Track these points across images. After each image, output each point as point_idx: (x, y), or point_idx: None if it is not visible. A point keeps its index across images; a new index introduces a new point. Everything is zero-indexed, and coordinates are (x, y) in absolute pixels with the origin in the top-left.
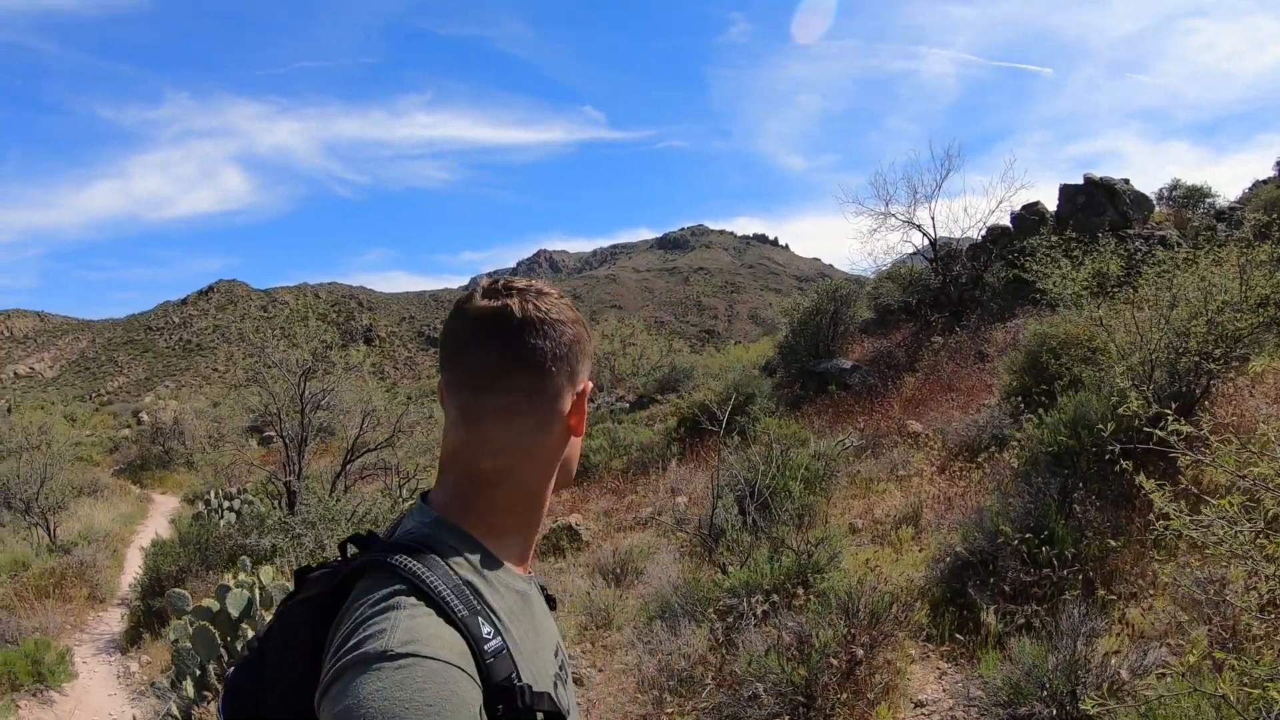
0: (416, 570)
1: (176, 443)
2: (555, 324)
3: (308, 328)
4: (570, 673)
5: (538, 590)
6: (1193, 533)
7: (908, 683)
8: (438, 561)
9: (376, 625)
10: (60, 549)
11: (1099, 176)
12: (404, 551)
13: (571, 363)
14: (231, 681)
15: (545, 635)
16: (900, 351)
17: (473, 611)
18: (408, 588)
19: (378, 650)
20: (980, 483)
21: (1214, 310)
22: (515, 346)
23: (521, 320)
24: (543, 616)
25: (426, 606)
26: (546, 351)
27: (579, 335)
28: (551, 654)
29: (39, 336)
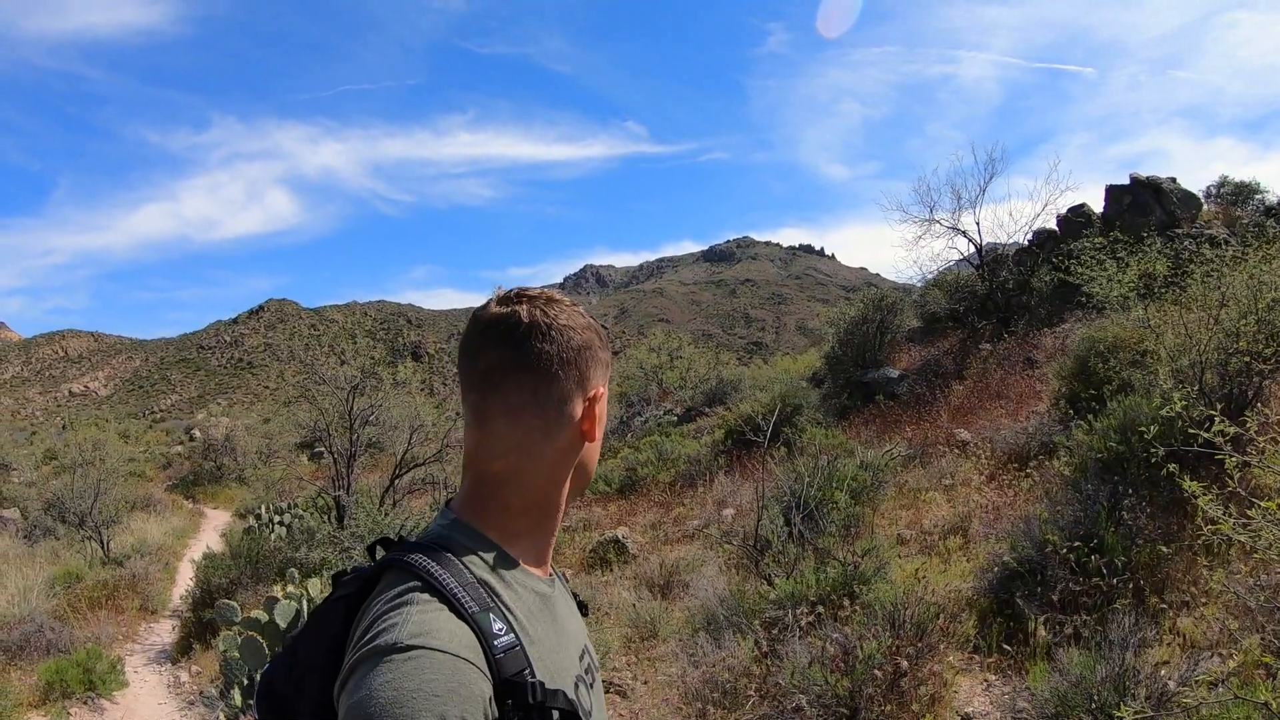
0: (429, 568)
1: (228, 458)
2: (563, 329)
3: (356, 345)
4: (598, 676)
5: (563, 592)
6: (1240, 536)
7: (954, 695)
8: (451, 560)
9: (389, 620)
10: (113, 561)
11: (1145, 176)
12: (420, 551)
13: (581, 368)
14: (265, 677)
15: (569, 637)
16: (948, 359)
17: (484, 608)
18: (421, 585)
19: (389, 643)
20: (1029, 491)
21: (1264, 308)
22: (522, 350)
23: (529, 325)
24: (567, 618)
25: (439, 602)
26: (553, 355)
27: (589, 341)
28: (576, 656)
29: (93, 356)
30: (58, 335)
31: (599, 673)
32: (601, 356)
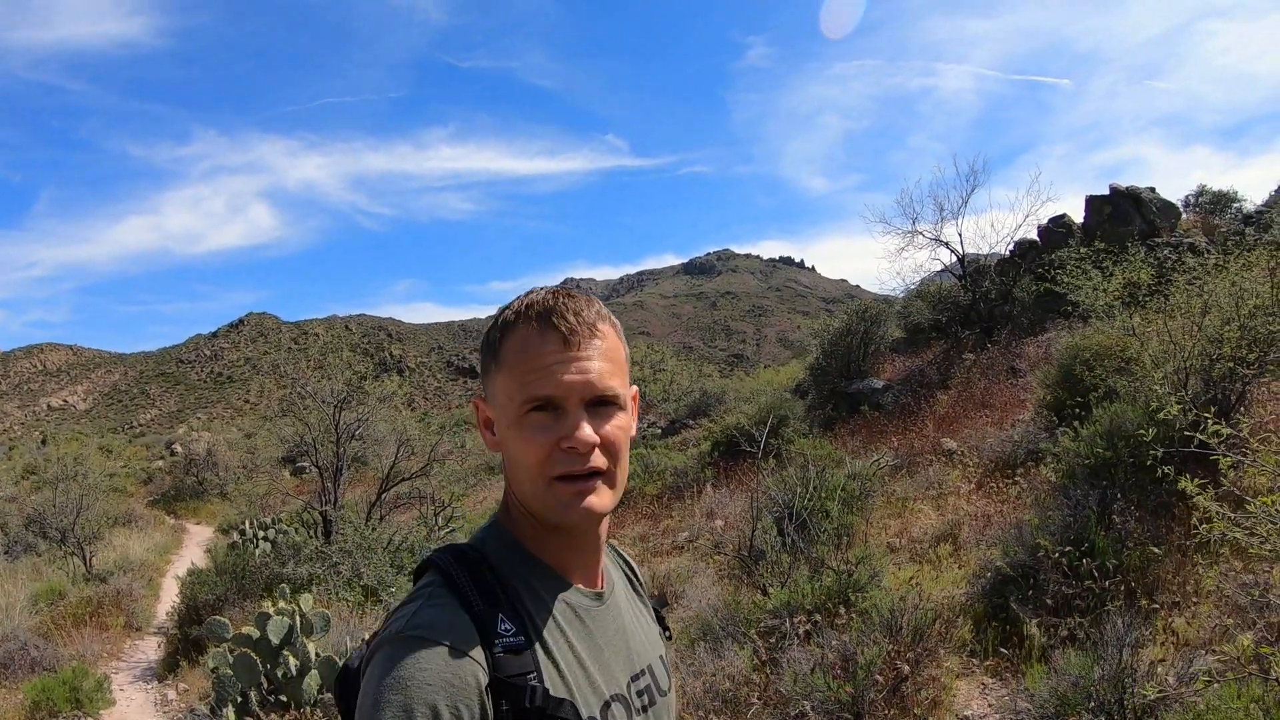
0: (448, 566)
1: (210, 473)
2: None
3: (341, 359)
4: (664, 700)
5: (629, 609)
6: (1236, 533)
7: (953, 698)
8: (476, 560)
9: (401, 611)
10: (96, 578)
11: (1125, 186)
12: (452, 551)
13: (481, 371)
14: (345, 663)
15: (613, 655)
16: (932, 369)
17: (493, 606)
18: (442, 580)
19: (393, 632)
20: (1018, 498)
21: (1246, 315)
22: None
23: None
24: (616, 637)
25: (452, 598)
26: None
27: (482, 343)
28: (623, 675)
29: (72, 369)
30: (36, 348)
31: (666, 697)
32: (487, 362)
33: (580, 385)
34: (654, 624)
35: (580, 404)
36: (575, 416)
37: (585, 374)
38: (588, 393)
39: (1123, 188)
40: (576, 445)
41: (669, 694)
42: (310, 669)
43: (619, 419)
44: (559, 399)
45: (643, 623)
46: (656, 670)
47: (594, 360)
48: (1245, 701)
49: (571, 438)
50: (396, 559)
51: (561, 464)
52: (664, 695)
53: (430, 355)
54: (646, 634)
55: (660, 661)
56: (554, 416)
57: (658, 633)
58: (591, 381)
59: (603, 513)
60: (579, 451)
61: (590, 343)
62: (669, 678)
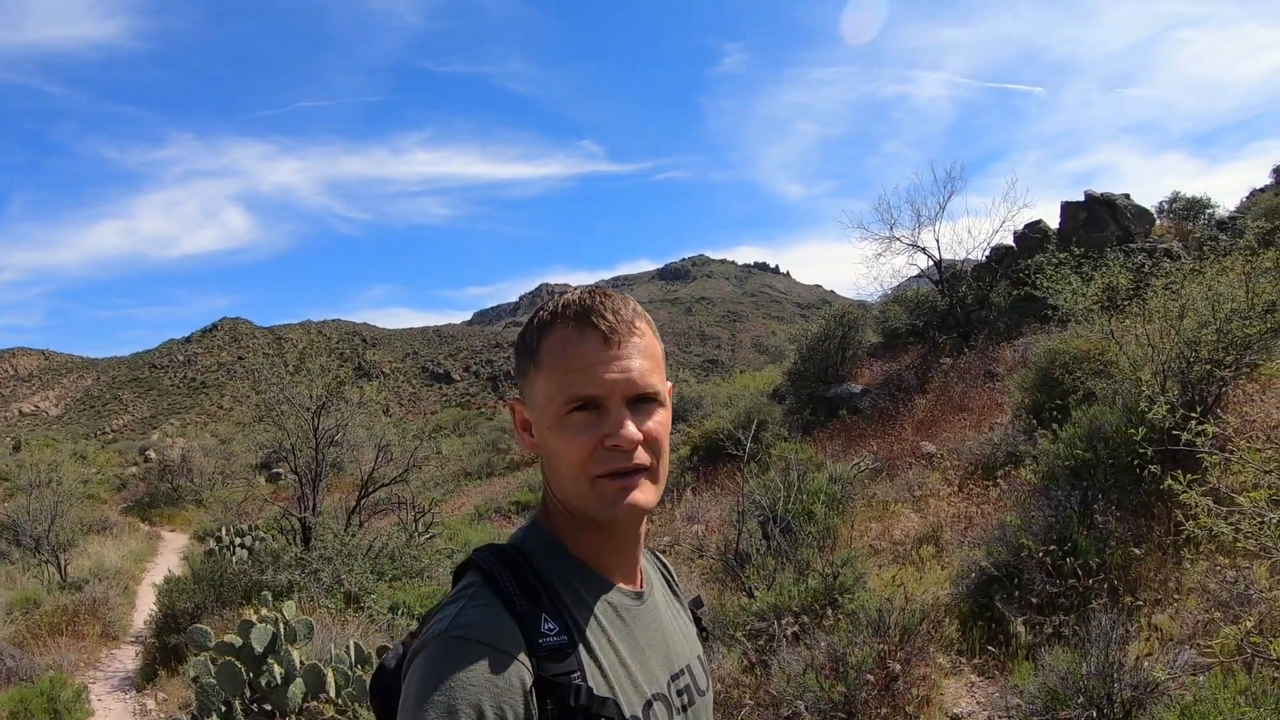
0: (490, 565)
1: (185, 480)
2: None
3: (320, 364)
4: (702, 700)
5: (666, 608)
6: (1223, 528)
7: (943, 696)
8: (518, 560)
9: (445, 610)
10: (71, 586)
11: (1099, 193)
12: (494, 551)
13: (517, 374)
14: (381, 663)
15: (655, 653)
16: (910, 374)
17: (536, 606)
18: (484, 580)
19: (437, 632)
20: (998, 500)
21: (1222, 318)
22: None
23: None
24: (656, 636)
25: (495, 597)
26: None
27: (517, 345)
28: (663, 674)
29: (44, 375)
30: (7, 353)
31: (705, 696)
32: (522, 364)
33: (622, 383)
34: (691, 624)
35: (622, 402)
36: (618, 414)
37: (626, 372)
38: (629, 391)
39: (1098, 194)
40: (620, 443)
41: (708, 694)
42: (295, 677)
43: (659, 415)
44: (601, 398)
45: (680, 623)
46: (695, 670)
47: (634, 358)
48: (1232, 692)
49: (615, 435)
50: (377, 565)
51: (606, 462)
52: (703, 695)
53: (405, 361)
54: (685, 634)
55: (699, 661)
56: (596, 415)
57: (695, 633)
58: (633, 379)
59: (647, 508)
60: (623, 449)
61: (629, 340)
62: (707, 678)
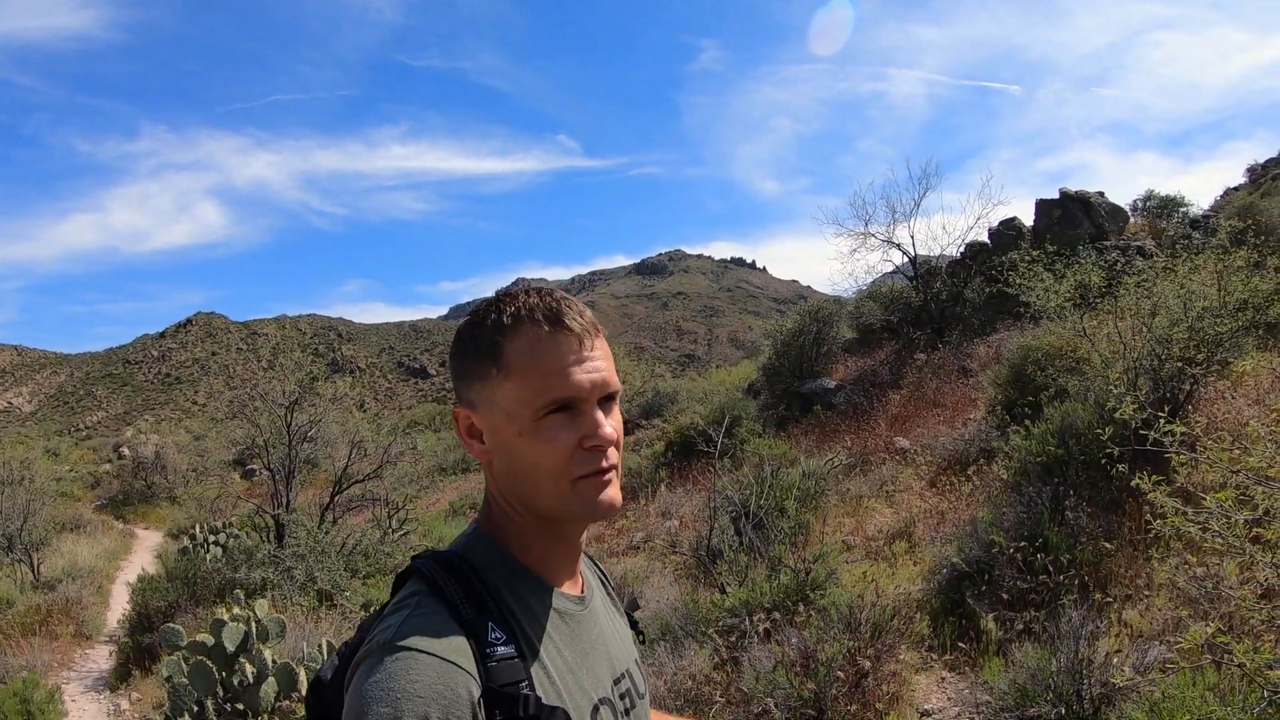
0: (435, 574)
1: (159, 477)
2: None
3: (293, 359)
4: (642, 703)
5: (605, 612)
6: (1190, 527)
7: (913, 693)
8: (463, 567)
9: (389, 620)
10: (44, 586)
11: (1074, 190)
12: (437, 558)
13: (466, 378)
14: (317, 674)
15: (598, 658)
16: (884, 370)
17: (483, 614)
18: (429, 589)
19: (382, 643)
20: (970, 495)
21: (1194, 317)
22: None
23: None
24: (600, 639)
25: (441, 607)
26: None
27: (464, 351)
28: (607, 678)
29: (16, 370)
30: None
31: (644, 700)
32: (458, 368)
33: (599, 384)
34: (627, 628)
35: (595, 402)
36: (593, 415)
37: (600, 372)
38: (603, 390)
39: (1072, 192)
40: (601, 443)
41: (645, 697)
42: (267, 676)
43: (617, 413)
44: (578, 400)
45: (618, 626)
46: (634, 673)
47: (602, 359)
48: (1200, 689)
49: (596, 436)
50: (350, 562)
51: (586, 463)
52: (642, 698)
53: (381, 356)
54: (623, 638)
55: (637, 665)
56: (571, 417)
57: (632, 636)
58: (606, 379)
59: (620, 505)
60: (602, 449)
61: (597, 341)
62: (645, 681)
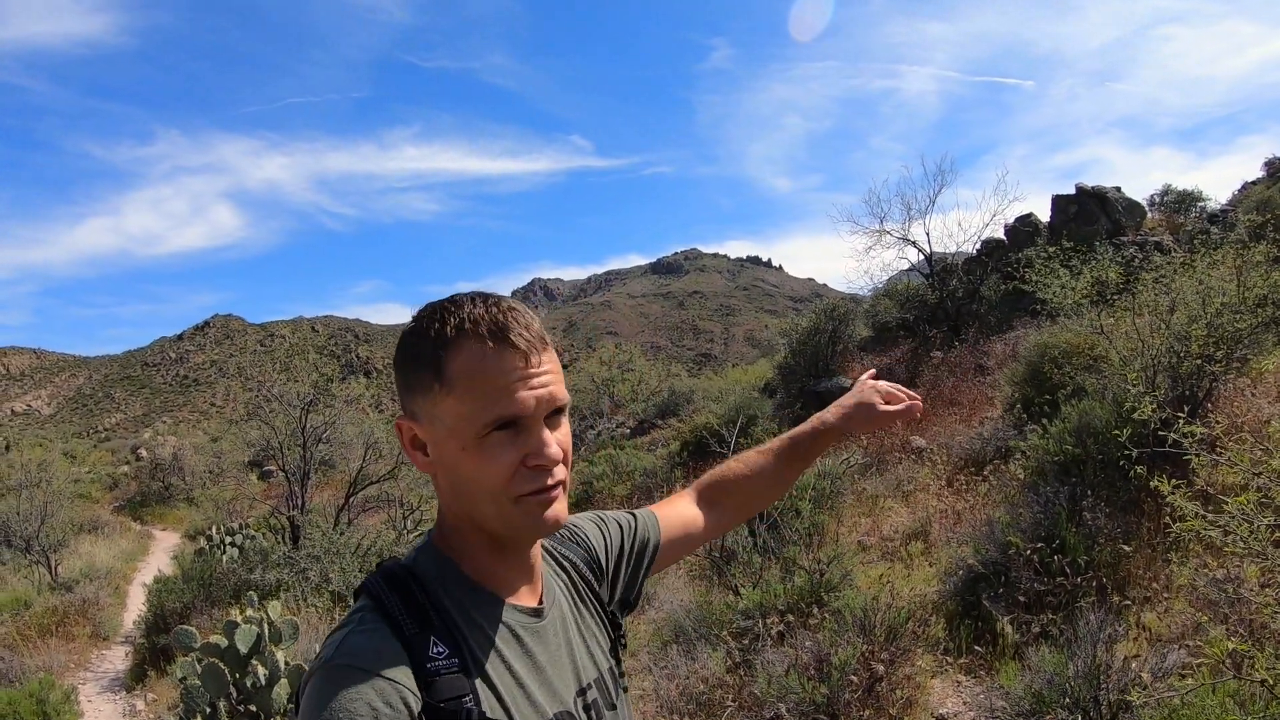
0: (379, 590)
1: (176, 478)
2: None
3: (308, 361)
4: (610, 715)
5: (571, 625)
6: (1210, 532)
7: (928, 697)
8: (408, 582)
9: (332, 639)
10: (62, 587)
11: (1090, 186)
12: (383, 573)
13: (408, 389)
14: (300, 681)
15: (556, 671)
16: (900, 368)
17: (424, 630)
18: (373, 604)
19: (322, 660)
20: (987, 495)
21: (1213, 313)
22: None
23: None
24: (559, 651)
25: (382, 622)
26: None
27: (406, 361)
28: (568, 692)
29: (35, 374)
30: None
31: (615, 711)
32: (403, 379)
33: (545, 400)
34: (606, 635)
35: (541, 418)
36: (538, 432)
37: (546, 387)
38: (549, 407)
39: (1088, 187)
40: (545, 463)
41: (620, 707)
42: (279, 678)
43: (565, 425)
44: (523, 417)
45: (590, 634)
46: (606, 683)
47: (549, 373)
48: (1220, 696)
49: (540, 454)
50: (365, 564)
51: (529, 481)
52: (613, 709)
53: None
54: (595, 646)
55: (611, 674)
56: (515, 434)
57: (608, 645)
58: (554, 395)
59: (565, 521)
60: (546, 468)
61: (543, 355)
62: (619, 690)
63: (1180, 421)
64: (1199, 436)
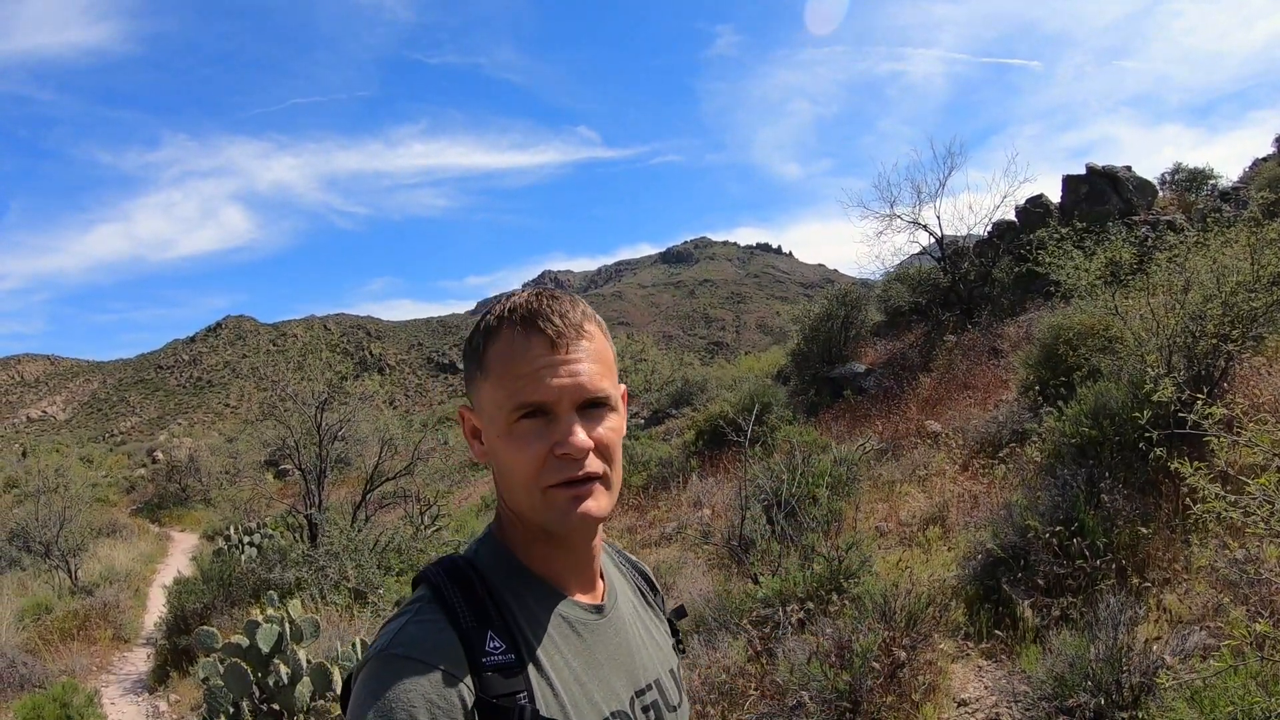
0: (440, 580)
1: (193, 480)
2: (465, 341)
3: (321, 360)
4: (671, 716)
5: (634, 621)
6: (1232, 513)
7: (949, 682)
8: (468, 573)
9: (389, 627)
10: (82, 591)
11: (1101, 165)
12: (444, 565)
13: (465, 379)
14: (350, 671)
15: (613, 670)
16: (913, 352)
17: (482, 623)
18: (432, 595)
19: (378, 649)
20: (1004, 479)
21: (1228, 292)
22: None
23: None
24: (618, 651)
25: (441, 614)
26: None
27: (464, 351)
28: (625, 690)
29: (50, 380)
30: (13, 360)
31: (675, 712)
32: (471, 369)
33: (571, 389)
34: (667, 635)
35: (572, 408)
36: (567, 422)
37: (575, 377)
38: (579, 396)
39: (1099, 167)
40: (571, 451)
41: (681, 708)
42: (302, 676)
43: (611, 420)
44: (549, 404)
45: (652, 634)
46: (665, 684)
47: (583, 362)
48: (1243, 678)
49: (565, 444)
50: (383, 560)
51: (557, 471)
52: (673, 710)
53: (410, 352)
54: (657, 646)
55: (670, 675)
56: (545, 423)
57: (670, 645)
58: (582, 384)
59: (601, 517)
60: (573, 458)
61: (578, 344)
62: (680, 692)
63: (1199, 402)
64: (1219, 418)
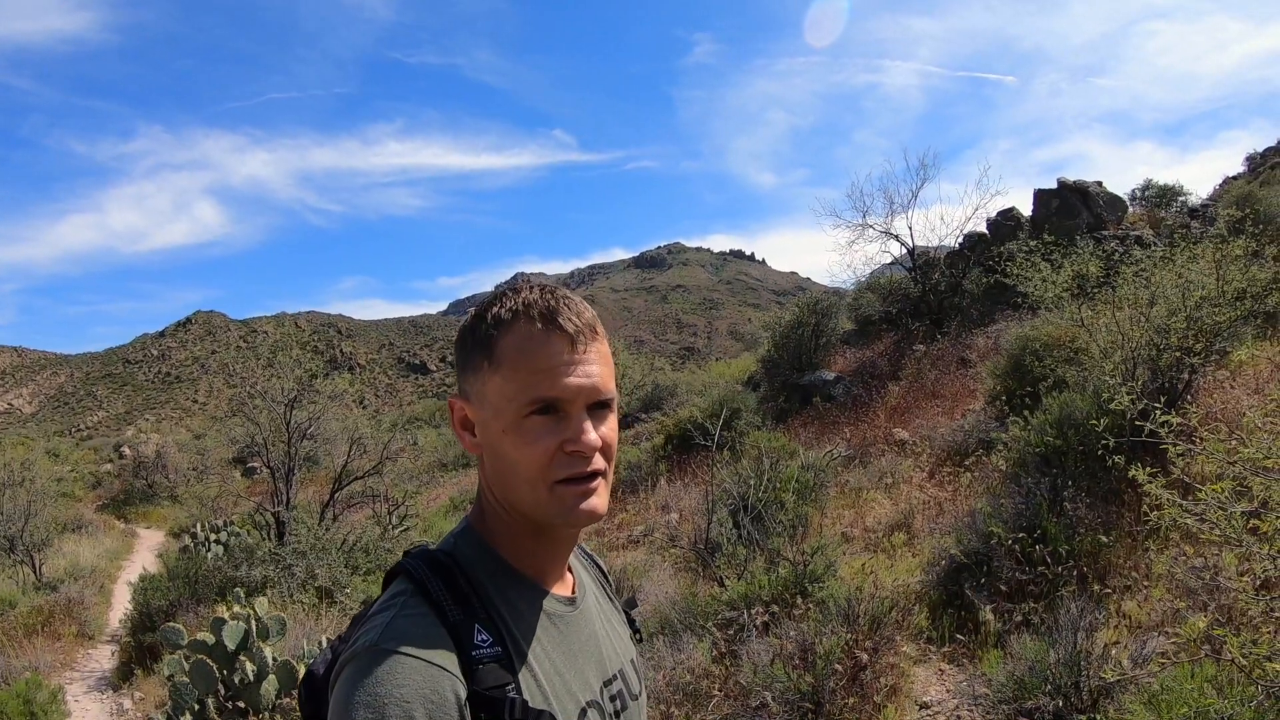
0: (422, 573)
1: (160, 476)
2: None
3: (291, 357)
4: (635, 705)
5: (598, 614)
6: (1188, 520)
7: (911, 685)
8: (450, 567)
9: (375, 620)
10: (47, 586)
11: (1072, 180)
12: (424, 557)
13: (461, 369)
14: (309, 668)
15: (588, 659)
16: (883, 361)
17: (469, 616)
18: (415, 588)
19: (366, 644)
20: (970, 486)
21: (1192, 306)
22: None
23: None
24: (588, 642)
25: (427, 607)
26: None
27: (464, 340)
28: (596, 681)
29: (16, 372)
30: None
31: (638, 700)
32: (463, 359)
33: (587, 389)
34: (625, 626)
35: (584, 407)
36: (579, 420)
37: (590, 377)
38: (593, 396)
39: (1070, 181)
40: (583, 449)
41: (640, 697)
42: (268, 674)
43: (611, 421)
44: (564, 402)
45: (613, 626)
46: (628, 674)
47: (595, 363)
48: (1199, 681)
49: (578, 441)
50: (351, 559)
51: (566, 467)
52: (635, 699)
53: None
54: (617, 638)
55: (631, 665)
56: (556, 419)
57: (628, 635)
58: (596, 385)
59: (603, 513)
60: (584, 455)
61: (591, 345)
62: (640, 681)
63: (1157, 412)
64: (1175, 427)
